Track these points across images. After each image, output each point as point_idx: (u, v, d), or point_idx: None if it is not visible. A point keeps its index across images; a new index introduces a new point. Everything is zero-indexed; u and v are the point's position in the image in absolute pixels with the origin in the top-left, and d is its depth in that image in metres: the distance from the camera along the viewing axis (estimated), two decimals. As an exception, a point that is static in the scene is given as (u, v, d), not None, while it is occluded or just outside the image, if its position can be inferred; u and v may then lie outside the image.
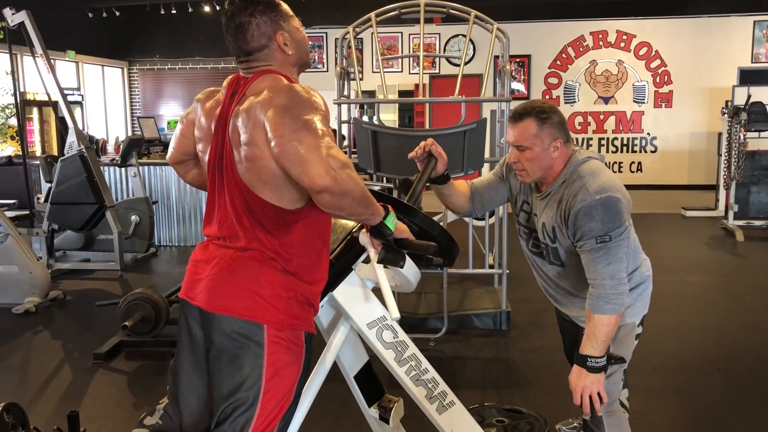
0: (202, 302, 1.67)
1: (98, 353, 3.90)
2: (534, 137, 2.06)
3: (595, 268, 2.01)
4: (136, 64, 13.32)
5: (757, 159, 8.41)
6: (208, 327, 1.67)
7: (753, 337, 4.21)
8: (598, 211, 1.97)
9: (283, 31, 1.68)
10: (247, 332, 1.63)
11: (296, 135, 1.49)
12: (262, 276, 1.64)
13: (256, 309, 1.63)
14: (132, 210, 6.44)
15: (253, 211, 1.63)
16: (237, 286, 1.64)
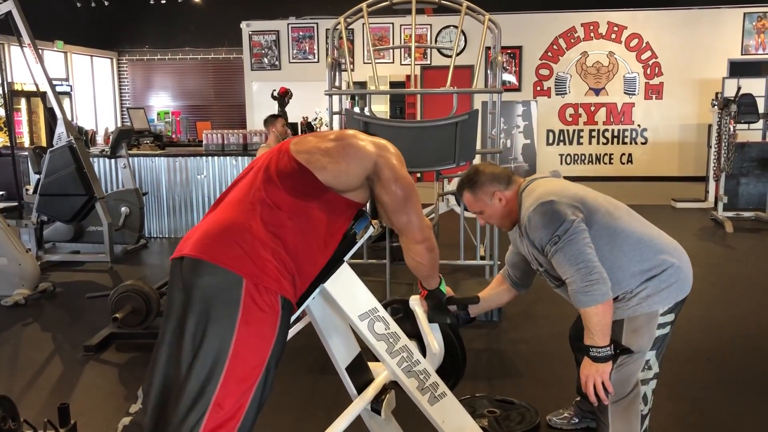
0: (188, 250, 1.71)
1: (88, 345, 3.88)
2: (475, 203, 2.35)
3: (561, 269, 2.13)
4: (126, 55, 13.22)
5: (747, 151, 8.46)
6: (188, 280, 1.68)
7: (741, 326, 4.24)
8: (536, 220, 2.15)
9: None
10: (224, 283, 1.65)
11: (410, 187, 1.90)
12: (258, 239, 1.70)
13: (239, 261, 1.67)
14: (122, 201, 6.40)
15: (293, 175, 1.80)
16: (227, 237, 1.70)
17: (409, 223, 1.90)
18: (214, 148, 7.17)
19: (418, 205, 1.92)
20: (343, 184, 1.81)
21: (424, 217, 1.93)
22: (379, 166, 1.83)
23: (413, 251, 1.96)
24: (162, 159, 7.20)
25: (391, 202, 1.86)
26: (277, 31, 11.75)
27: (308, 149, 1.84)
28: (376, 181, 1.85)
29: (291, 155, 1.82)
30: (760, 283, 5.35)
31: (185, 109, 12.82)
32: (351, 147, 1.84)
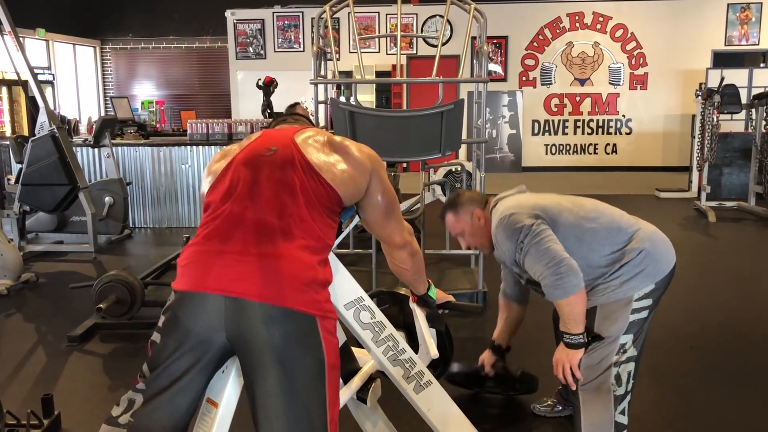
0: (257, 294, 1.47)
1: (72, 336, 3.86)
2: (457, 223, 2.52)
3: (532, 270, 2.26)
4: (109, 43, 13.08)
5: (730, 141, 8.54)
6: (253, 330, 1.46)
7: (723, 315, 4.29)
8: (501, 236, 2.33)
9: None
10: (302, 329, 1.50)
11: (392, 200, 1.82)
12: (314, 265, 1.56)
13: (307, 298, 1.52)
14: (106, 191, 6.35)
15: (309, 196, 1.61)
16: (300, 276, 1.51)
17: (392, 233, 1.85)
18: (199, 138, 7.13)
19: (399, 212, 1.88)
20: (354, 198, 1.74)
21: (404, 222, 1.88)
22: (371, 180, 1.75)
23: (395, 257, 1.91)
24: (146, 148, 7.14)
25: (375, 214, 1.80)
26: (262, 19, 11.68)
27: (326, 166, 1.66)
28: (365, 193, 1.76)
29: (315, 171, 1.64)
30: (742, 272, 5.41)
31: (169, 99, 12.71)
32: (357, 163, 1.72)
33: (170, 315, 1.55)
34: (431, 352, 2.10)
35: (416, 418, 2.13)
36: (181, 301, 1.53)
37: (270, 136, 1.75)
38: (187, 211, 7.18)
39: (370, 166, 1.75)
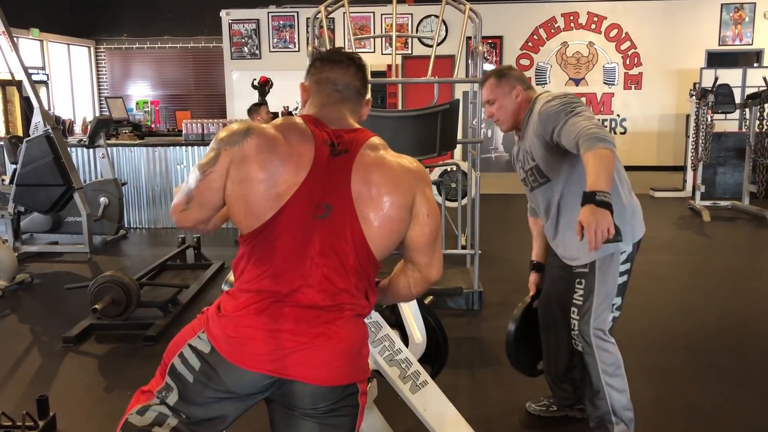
0: (312, 377, 1.46)
1: (68, 337, 3.85)
2: (495, 89, 2.54)
3: (576, 127, 2.18)
4: (104, 43, 13.03)
5: (724, 140, 8.58)
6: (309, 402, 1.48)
7: (718, 314, 4.31)
8: (554, 101, 2.35)
9: (370, 98, 1.77)
10: (346, 397, 1.51)
11: (439, 224, 1.64)
12: (360, 331, 1.57)
13: (360, 371, 1.54)
14: (101, 192, 6.34)
15: (364, 269, 1.54)
16: (346, 351, 1.50)
17: (430, 264, 1.64)
18: (194, 138, 7.12)
19: (441, 241, 1.70)
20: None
21: (441, 255, 1.70)
22: (416, 202, 1.58)
23: (415, 288, 1.69)
24: (141, 149, 7.13)
25: (420, 240, 1.59)
26: (257, 19, 11.66)
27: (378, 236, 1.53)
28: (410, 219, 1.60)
29: (368, 247, 1.53)
30: (736, 271, 5.43)
31: (164, 99, 12.68)
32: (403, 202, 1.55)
33: (210, 370, 1.48)
34: (416, 337, 2.09)
35: (412, 417, 2.14)
36: (228, 369, 1.47)
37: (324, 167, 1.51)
38: (183, 211, 7.15)
39: (413, 193, 1.56)
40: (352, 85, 1.66)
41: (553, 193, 2.51)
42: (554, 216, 2.56)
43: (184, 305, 4.41)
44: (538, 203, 2.62)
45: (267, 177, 1.48)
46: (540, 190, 2.56)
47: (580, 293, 2.52)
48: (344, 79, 1.65)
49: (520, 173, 2.65)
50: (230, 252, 5.83)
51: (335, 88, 1.64)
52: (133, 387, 3.34)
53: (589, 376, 2.54)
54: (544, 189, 2.54)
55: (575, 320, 2.54)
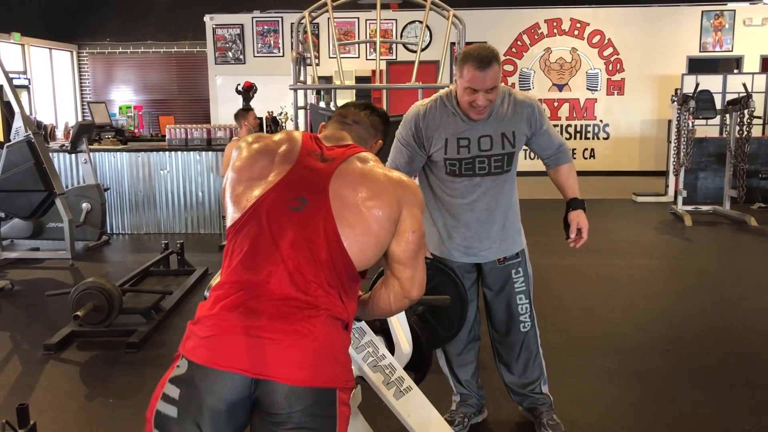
0: (285, 376, 1.44)
1: (49, 344, 3.81)
2: (496, 76, 2.37)
3: (555, 136, 2.64)
4: (86, 48, 12.95)
5: (705, 146, 8.67)
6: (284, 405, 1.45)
7: (699, 318, 4.35)
8: (537, 108, 2.57)
9: (380, 140, 1.85)
10: (324, 403, 1.48)
11: (423, 240, 1.67)
12: (336, 333, 1.53)
13: (336, 374, 1.51)
14: (83, 197, 6.29)
15: (335, 267, 1.53)
16: (322, 351, 1.48)
17: (413, 278, 1.66)
18: (178, 143, 7.08)
19: (424, 258, 1.70)
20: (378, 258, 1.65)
21: (425, 271, 1.70)
22: (402, 217, 1.60)
23: (395, 303, 1.71)
24: (124, 154, 7.08)
25: (401, 254, 1.62)
26: (242, 24, 11.64)
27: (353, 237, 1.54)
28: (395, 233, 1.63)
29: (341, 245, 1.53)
30: (718, 275, 5.49)
31: (148, 104, 12.62)
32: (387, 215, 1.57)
33: (191, 390, 1.46)
34: (404, 347, 2.09)
35: (396, 423, 2.14)
36: (204, 377, 1.45)
37: (306, 169, 1.59)
38: (166, 217, 7.12)
39: (400, 208, 1.59)
40: (363, 120, 1.81)
41: (501, 185, 2.58)
42: (489, 212, 2.58)
43: (168, 311, 4.38)
44: (460, 190, 2.55)
45: (253, 171, 1.61)
46: (490, 179, 2.54)
47: (521, 281, 2.69)
48: (357, 116, 1.81)
49: (463, 155, 2.51)
50: (214, 258, 5.80)
51: (344, 120, 1.80)
52: (115, 394, 3.33)
53: (531, 349, 2.76)
54: (498, 179, 2.56)
55: (524, 304, 2.70)
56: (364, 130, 1.80)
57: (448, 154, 2.53)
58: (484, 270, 2.70)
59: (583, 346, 3.79)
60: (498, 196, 2.58)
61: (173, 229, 7.11)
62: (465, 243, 2.62)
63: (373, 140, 1.82)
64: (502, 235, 2.62)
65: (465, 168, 2.53)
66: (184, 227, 7.10)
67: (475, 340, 2.84)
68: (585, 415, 2.98)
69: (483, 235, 2.60)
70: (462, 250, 2.63)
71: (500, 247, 2.64)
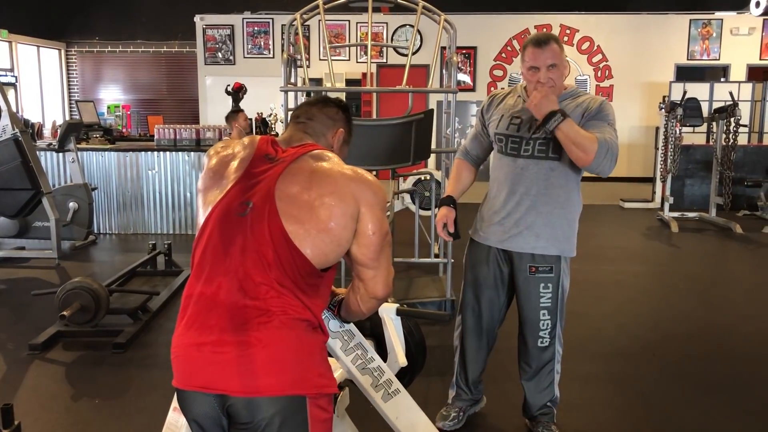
0: (237, 389, 1.44)
1: (34, 344, 3.78)
2: (560, 55, 2.48)
3: (603, 132, 2.46)
4: (75, 46, 12.87)
5: (692, 153, 8.74)
6: (248, 416, 1.45)
7: (685, 323, 4.38)
8: (605, 105, 2.57)
9: (344, 134, 1.76)
10: (291, 412, 1.45)
11: (386, 241, 1.59)
12: (293, 337, 1.48)
13: (298, 380, 1.46)
14: (70, 196, 6.25)
15: (283, 265, 1.48)
16: (275, 358, 1.45)
17: (375, 279, 1.61)
18: (166, 143, 7.05)
19: (389, 258, 1.64)
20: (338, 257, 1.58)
21: (391, 273, 1.65)
22: (361, 216, 1.55)
23: (363, 305, 1.67)
24: (112, 153, 7.04)
25: (362, 256, 1.58)
26: (232, 25, 11.62)
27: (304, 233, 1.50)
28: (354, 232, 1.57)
29: (289, 242, 1.49)
30: (704, 281, 5.53)
31: (136, 103, 12.56)
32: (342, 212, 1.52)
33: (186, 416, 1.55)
34: (400, 360, 2.10)
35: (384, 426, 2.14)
36: (181, 400, 1.53)
37: (255, 173, 1.57)
38: (154, 217, 7.08)
39: (357, 204, 1.53)
40: (317, 115, 1.72)
41: (546, 174, 2.52)
42: (529, 198, 2.55)
43: (154, 312, 4.36)
44: (506, 172, 2.59)
45: (210, 184, 1.62)
46: (533, 162, 2.53)
47: (548, 296, 2.61)
48: (309, 112, 1.73)
49: (512, 132, 2.56)
50: (202, 259, 5.78)
51: (297, 120, 1.73)
52: (102, 395, 3.31)
53: (546, 369, 2.70)
54: (541, 164, 2.52)
55: (546, 320, 2.63)
56: (320, 124, 1.72)
57: (498, 129, 2.60)
58: (516, 275, 2.66)
59: (571, 351, 3.80)
60: (543, 185, 2.53)
61: (161, 230, 7.07)
62: (501, 228, 2.61)
63: (332, 131, 1.73)
64: (539, 229, 2.56)
65: (510, 147, 2.57)
66: (171, 228, 7.07)
67: (492, 339, 2.82)
68: (572, 419, 3.00)
69: (520, 221, 2.57)
70: (498, 235, 2.63)
71: (536, 242, 2.57)
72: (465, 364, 2.86)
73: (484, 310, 2.75)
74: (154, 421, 2.82)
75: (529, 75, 2.50)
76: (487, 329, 2.79)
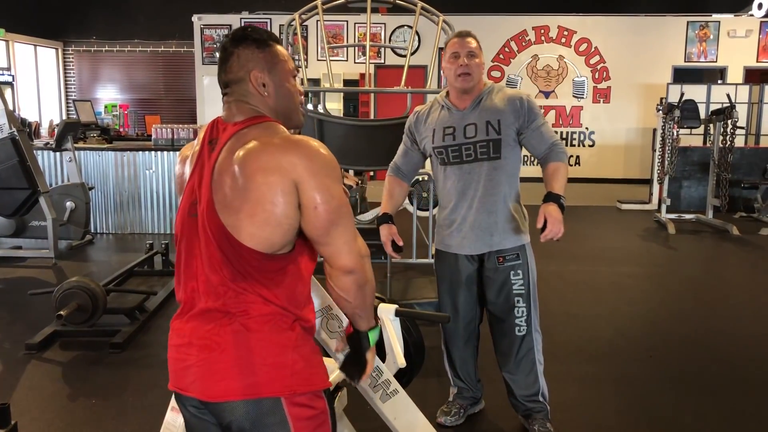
0: (198, 392, 1.42)
1: (31, 343, 3.77)
2: (478, 48, 2.64)
3: (547, 134, 2.64)
4: (72, 45, 12.86)
5: (689, 155, 8.76)
6: (219, 418, 1.44)
7: (682, 325, 4.39)
8: (529, 101, 2.66)
9: (261, 71, 1.48)
10: (262, 414, 1.40)
11: (338, 213, 1.41)
12: (254, 339, 1.41)
13: (263, 383, 1.40)
14: (67, 196, 6.24)
15: (231, 262, 1.40)
16: (233, 362, 1.40)
17: (336, 253, 1.44)
18: (164, 143, 7.05)
19: (349, 227, 1.45)
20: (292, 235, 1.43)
21: (357, 241, 1.47)
22: (301, 191, 1.38)
23: (337, 283, 1.48)
24: (109, 153, 7.03)
25: (312, 229, 1.41)
26: (230, 25, 11.61)
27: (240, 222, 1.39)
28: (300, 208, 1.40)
29: (229, 237, 1.40)
30: (700, 283, 5.54)
31: (134, 103, 12.55)
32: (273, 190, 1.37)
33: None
34: (399, 361, 2.09)
35: (382, 426, 2.14)
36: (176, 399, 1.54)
37: (200, 167, 1.47)
38: (151, 217, 7.08)
39: (291, 176, 1.37)
40: (229, 77, 1.50)
41: (490, 173, 2.60)
42: (477, 199, 2.61)
43: (152, 312, 4.36)
44: (453, 180, 2.65)
45: (180, 188, 1.56)
46: (477, 165, 2.60)
47: (519, 283, 2.69)
48: (221, 78, 1.52)
49: (449, 142, 2.62)
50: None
51: (224, 91, 1.53)
52: (98, 395, 3.30)
53: (527, 356, 2.75)
54: (485, 165, 2.60)
55: (521, 308, 2.70)
56: (237, 86, 1.49)
57: (435, 143, 2.66)
58: (485, 269, 2.72)
59: (567, 352, 3.82)
60: (490, 186, 2.61)
61: (158, 230, 7.06)
62: (460, 234, 2.67)
63: (249, 84, 1.48)
64: (495, 227, 2.64)
65: (452, 156, 2.63)
66: (169, 227, 7.06)
67: (475, 337, 2.88)
68: (569, 420, 3.00)
69: (474, 224, 2.64)
70: (458, 241, 2.68)
71: (494, 239, 2.64)
72: (455, 368, 2.93)
73: (461, 311, 2.81)
74: (151, 422, 2.82)
75: (451, 64, 2.60)
76: (468, 329, 2.85)
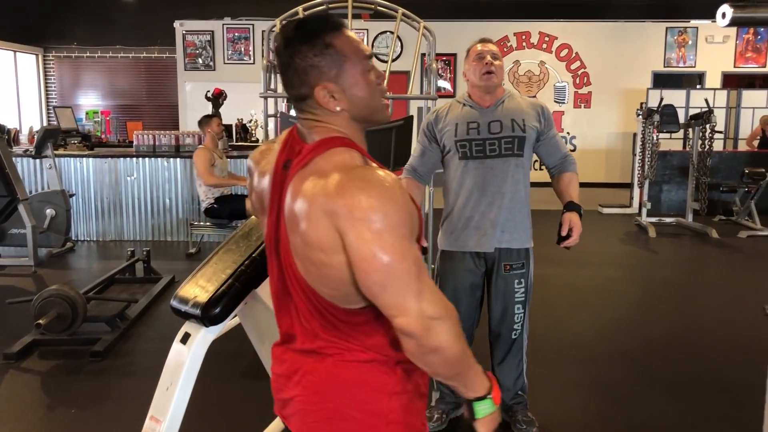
0: (296, 429, 1.37)
1: (8, 353, 3.72)
2: (499, 55, 2.73)
3: (561, 145, 2.82)
4: (52, 51, 12.74)
5: (669, 159, 8.85)
6: None
7: (663, 328, 4.42)
8: (551, 114, 2.83)
9: (326, 81, 1.25)
10: None
11: (386, 273, 1.14)
12: (350, 383, 1.28)
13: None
14: (47, 203, 6.17)
15: (321, 313, 1.26)
16: (325, 407, 1.28)
17: (389, 312, 1.18)
18: (145, 150, 7.00)
19: (403, 287, 1.15)
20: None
21: (419, 301, 1.16)
22: (347, 243, 1.15)
23: (421, 361, 1.23)
24: (90, 160, 6.98)
25: (367, 291, 1.18)
26: (212, 31, 11.58)
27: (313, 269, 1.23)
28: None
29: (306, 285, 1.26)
30: (681, 286, 5.59)
31: (115, 109, 12.45)
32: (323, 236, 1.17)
33: None
34: None
35: None
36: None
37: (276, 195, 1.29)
38: (132, 224, 7.02)
39: (331, 226, 1.15)
40: (289, 94, 1.31)
41: (513, 170, 2.65)
42: (500, 197, 2.65)
43: (133, 320, 4.32)
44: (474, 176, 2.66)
45: (258, 207, 1.43)
46: (501, 160, 2.63)
47: (521, 291, 2.78)
48: (289, 92, 1.31)
49: (473, 136, 2.64)
50: (180, 266, 5.74)
51: (297, 107, 1.32)
52: (78, 404, 3.27)
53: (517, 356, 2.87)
54: (509, 161, 2.64)
55: (520, 314, 2.80)
56: (309, 100, 1.27)
57: (458, 136, 2.66)
58: (492, 275, 2.77)
59: (549, 356, 3.83)
60: (510, 181, 2.66)
61: (140, 237, 7.02)
62: (478, 231, 2.68)
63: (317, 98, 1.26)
64: (512, 225, 2.69)
65: (476, 150, 2.65)
66: (150, 234, 7.01)
67: (471, 341, 2.85)
68: (549, 423, 3.01)
69: (495, 221, 2.66)
70: (476, 238, 2.70)
71: (511, 238, 2.70)
72: None
73: (461, 317, 2.77)
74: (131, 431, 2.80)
75: (475, 65, 2.66)
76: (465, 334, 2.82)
